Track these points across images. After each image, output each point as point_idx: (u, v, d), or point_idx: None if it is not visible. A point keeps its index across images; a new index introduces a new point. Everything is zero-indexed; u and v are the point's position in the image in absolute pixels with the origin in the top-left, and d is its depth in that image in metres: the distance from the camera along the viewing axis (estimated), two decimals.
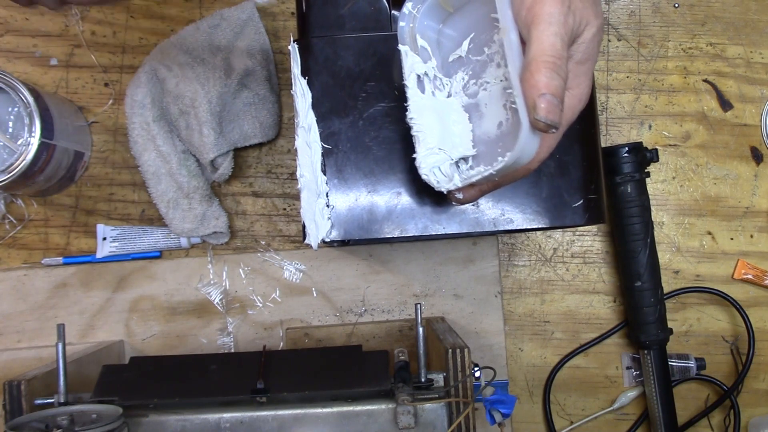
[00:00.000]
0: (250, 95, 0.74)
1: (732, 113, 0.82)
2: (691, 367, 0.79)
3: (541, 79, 0.41)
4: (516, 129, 0.43)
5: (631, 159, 0.75)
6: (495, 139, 0.49)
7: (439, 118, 0.51)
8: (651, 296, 0.75)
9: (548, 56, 0.42)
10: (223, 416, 0.57)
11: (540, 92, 0.41)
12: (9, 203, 0.76)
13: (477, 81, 0.51)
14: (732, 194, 0.81)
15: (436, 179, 0.50)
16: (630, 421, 0.80)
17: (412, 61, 0.51)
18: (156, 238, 0.76)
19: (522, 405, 0.80)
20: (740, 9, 0.82)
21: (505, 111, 0.48)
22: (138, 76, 0.73)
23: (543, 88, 0.41)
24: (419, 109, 0.51)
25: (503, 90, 0.48)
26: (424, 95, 0.52)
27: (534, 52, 0.42)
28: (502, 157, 0.43)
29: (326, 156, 0.56)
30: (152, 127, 0.72)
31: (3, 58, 0.76)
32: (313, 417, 0.57)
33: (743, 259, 0.81)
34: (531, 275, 0.80)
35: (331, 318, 0.78)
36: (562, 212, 0.57)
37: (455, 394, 0.57)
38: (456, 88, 0.52)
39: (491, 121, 0.49)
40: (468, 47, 0.51)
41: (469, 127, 0.51)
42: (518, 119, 0.42)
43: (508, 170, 0.44)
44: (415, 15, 0.50)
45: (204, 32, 0.75)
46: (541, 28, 0.42)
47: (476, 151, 0.50)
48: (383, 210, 0.56)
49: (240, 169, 0.78)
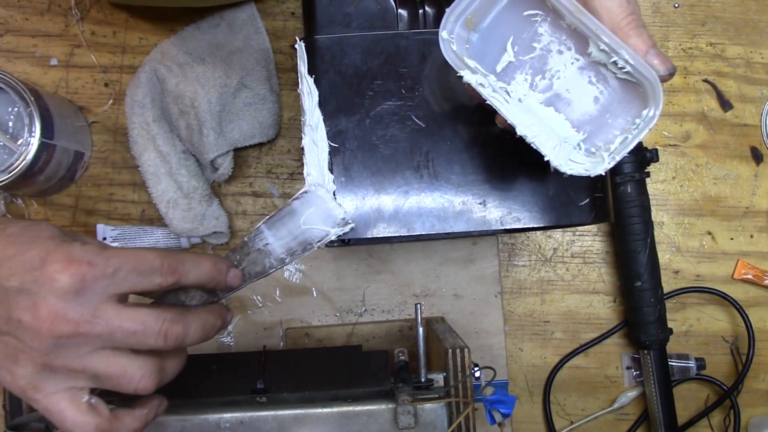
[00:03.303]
0: (250, 95, 0.74)
1: (732, 113, 0.82)
2: (691, 367, 0.79)
3: (635, 42, 0.45)
4: (624, 91, 0.48)
5: (631, 159, 0.75)
6: (599, 114, 0.50)
7: (537, 119, 0.51)
8: (651, 296, 0.75)
9: (625, 17, 0.45)
10: (223, 416, 0.57)
11: (643, 52, 0.45)
12: (9, 203, 0.76)
13: (544, 75, 0.51)
14: (732, 194, 0.81)
15: (584, 168, 0.50)
16: (630, 421, 0.80)
17: (476, 80, 0.51)
18: (156, 238, 0.76)
19: (522, 405, 0.80)
20: (740, 9, 0.82)
21: (596, 86, 0.50)
22: (138, 76, 0.73)
23: (642, 47, 0.45)
24: (517, 116, 0.51)
25: (580, 70, 0.50)
26: (510, 105, 0.51)
27: (610, 19, 0.45)
28: (652, 112, 0.46)
29: (333, 154, 0.57)
30: (152, 127, 0.72)
31: (3, 58, 0.76)
32: (313, 417, 0.57)
33: (743, 259, 0.81)
34: (531, 275, 0.80)
35: (331, 318, 0.78)
36: (568, 211, 0.57)
37: (455, 394, 0.57)
38: (523, 91, 0.52)
39: (585, 101, 0.50)
40: (514, 51, 0.51)
41: (562, 117, 0.51)
42: (617, 85, 0.47)
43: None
44: (452, 40, 0.50)
45: (204, 32, 0.75)
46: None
47: (586, 134, 0.51)
48: (390, 209, 0.56)
49: (240, 169, 0.78)
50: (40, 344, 0.42)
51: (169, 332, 0.44)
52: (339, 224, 0.51)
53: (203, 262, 0.47)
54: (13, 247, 0.43)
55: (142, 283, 0.44)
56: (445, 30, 0.50)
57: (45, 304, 0.41)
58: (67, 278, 0.41)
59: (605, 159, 0.49)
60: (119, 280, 0.43)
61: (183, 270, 0.46)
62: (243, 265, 0.51)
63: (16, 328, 0.42)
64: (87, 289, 0.42)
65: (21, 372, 0.43)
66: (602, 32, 0.46)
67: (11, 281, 0.42)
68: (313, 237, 0.51)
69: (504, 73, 0.52)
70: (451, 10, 0.49)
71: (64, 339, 0.42)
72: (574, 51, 0.50)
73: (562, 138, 0.50)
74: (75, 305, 0.42)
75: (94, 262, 0.42)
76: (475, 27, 0.51)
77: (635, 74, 0.47)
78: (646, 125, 0.47)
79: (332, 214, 0.51)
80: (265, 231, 0.51)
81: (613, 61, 0.47)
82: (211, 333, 0.48)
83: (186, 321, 0.46)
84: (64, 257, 0.42)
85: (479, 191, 0.57)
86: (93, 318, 0.42)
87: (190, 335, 0.46)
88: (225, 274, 0.49)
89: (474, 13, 0.50)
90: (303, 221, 0.51)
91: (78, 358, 0.43)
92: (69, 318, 0.42)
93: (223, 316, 0.50)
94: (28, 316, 0.41)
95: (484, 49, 0.52)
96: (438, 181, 0.57)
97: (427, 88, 0.58)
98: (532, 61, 0.51)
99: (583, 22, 0.46)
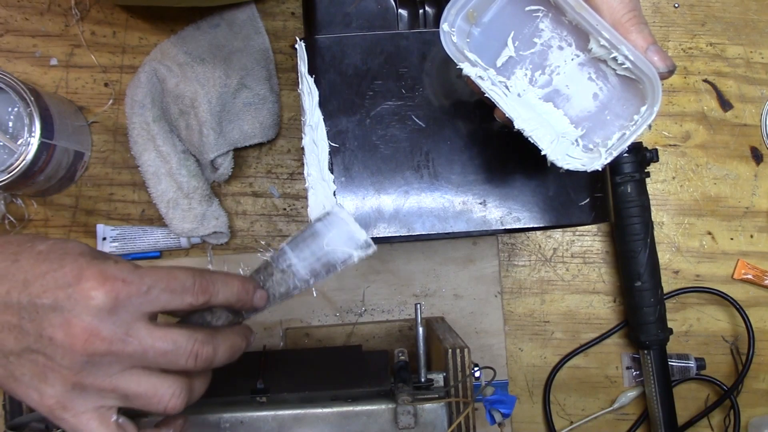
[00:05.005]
0: (250, 95, 0.74)
1: (732, 113, 0.82)
2: (691, 367, 0.79)
3: (635, 38, 0.45)
4: (623, 88, 0.48)
5: (631, 159, 0.75)
6: (597, 110, 0.50)
7: (535, 114, 0.51)
8: (651, 296, 0.75)
9: (626, 13, 0.45)
10: (223, 416, 0.57)
11: (643, 49, 0.45)
12: (9, 203, 0.76)
13: (543, 71, 0.51)
14: (732, 194, 0.81)
15: (581, 163, 0.50)
16: (630, 421, 0.80)
17: (476, 72, 0.51)
18: (156, 238, 0.76)
19: (522, 405, 0.80)
20: (740, 9, 0.82)
21: (595, 82, 0.50)
22: (138, 76, 0.73)
23: (643, 43, 0.45)
24: (515, 110, 0.51)
25: (580, 66, 0.50)
26: (508, 98, 0.52)
27: (611, 15, 0.45)
28: (650, 109, 0.47)
29: (333, 154, 0.57)
30: (152, 127, 0.72)
31: (3, 58, 0.76)
32: (313, 417, 0.57)
33: (743, 259, 0.81)
34: (531, 275, 0.80)
35: (331, 318, 0.78)
36: (568, 210, 0.58)
37: (455, 394, 0.57)
38: (522, 86, 0.52)
39: (584, 98, 0.50)
40: (514, 46, 0.51)
41: (561, 113, 0.51)
42: (617, 82, 0.48)
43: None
44: (452, 32, 0.50)
45: (204, 32, 0.75)
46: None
47: (584, 130, 0.51)
48: (390, 209, 0.57)
49: (240, 169, 0.78)
50: (71, 362, 0.42)
51: (199, 353, 0.44)
52: (362, 246, 0.50)
53: (233, 282, 0.47)
54: (45, 264, 0.42)
55: (174, 302, 0.44)
56: (446, 22, 0.50)
57: (79, 322, 0.41)
58: (102, 295, 0.41)
59: (602, 155, 0.49)
60: (152, 299, 0.43)
61: (214, 290, 0.45)
62: (267, 286, 0.50)
63: (47, 346, 0.42)
64: (121, 307, 0.42)
65: (50, 391, 0.42)
66: (603, 27, 0.46)
67: (44, 298, 0.41)
68: (336, 259, 0.50)
69: (504, 68, 0.52)
70: (453, 3, 0.49)
71: (96, 357, 0.42)
72: (574, 47, 0.50)
73: (560, 133, 0.50)
74: (109, 323, 0.41)
75: (128, 280, 0.42)
76: (476, 21, 0.51)
77: (635, 70, 0.47)
78: (644, 121, 0.47)
79: (355, 237, 0.50)
80: (289, 252, 0.50)
81: (613, 57, 0.47)
82: (236, 354, 0.48)
83: (216, 342, 0.46)
84: (99, 274, 0.41)
85: (479, 191, 0.57)
86: (126, 337, 0.42)
87: (219, 356, 0.46)
88: (252, 294, 0.49)
89: (476, 7, 0.50)
90: (326, 243, 0.50)
91: (109, 377, 0.43)
92: (103, 336, 0.41)
93: (248, 337, 0.50)
94: (61, 334, 0.41)
95: (484, 44, 0.52)
96: (438, 181, 0.57)
97: (428, 88, 0.58)
98: (532, 56, 0.51)
99: (584, 17, 0.46)
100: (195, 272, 0.45)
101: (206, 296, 0.45)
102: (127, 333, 0.42)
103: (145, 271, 0.43)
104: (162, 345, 0.43)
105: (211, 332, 0.46)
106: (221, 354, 0.46)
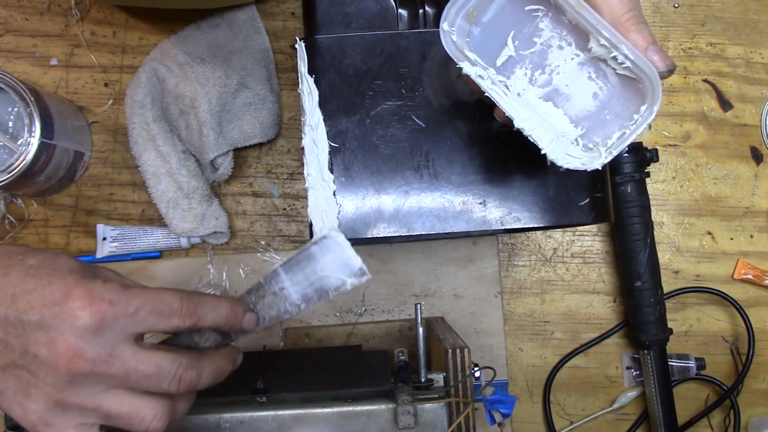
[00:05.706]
0: (250, 95, 0.74)
1: (732, 113, 0.82)
2: (691, 367, 0.79)
3: (635, 37, 0.45)
4: (623, 88, 0.48)
5: (631, 159, 0.75)
6: (597, 110, 0.50)
7: (535, 113, 0.51)
8: (651, 296, 0.75)
9: (626, 12, 0.45)
10: (223, 416, 0.57)
11: (643, 48, 0.45)
12: (9, 203, 0.76)
13: (543, 70, 0.51)
14: (732, 194, 0.81)
15: (581, 163, 0.50)
16: (630, 421, 0.80)
17: (476, 72, 0.51)
18: (156, 238, 0.76)
19: (522, 405, 0.80)
20: (740, 9, 0.82)
21: (595, 82, 0.50)
22: (138, 76, 0.73)
23: (643, 42, 0.45)
24: (515, 109, 0.51)
25: (580, 66, 0.50)
26: (508, 98, 0.52)
27: (611, 14, 0.45)
28: (650, 109, 0.47)
29: (333, 154, 0.57)
30: (152, 127, 0.72)
31: (3, 58, 0.76)
32: (313, 417, 0.57)
33: (743, 259, 0.81)
34: (531, 275, 0.80)
35: (331, 318, 0.78)
36: (568, 210, 0.58)
37: (455, 394, 0.57)
38: (522, 85, 0.52)
39: (583, 97, 0.50)
40: (514, 45, 0.51)
41: (561, 112, 0.51)
42: (616, 82, 0.48)
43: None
44: (452, 32, 0.50)
45: (204, 32, 0.75)
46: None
47: (583, 129, 0.51)
48: (390, 209, 0.57)
49: (240, 169, 0.78)
50: (54, 380, 0.42)
51: (183, 377, 0.44)
52: (356, 274, 0.50)
53: (221, 305, 0.47)
54: (33, 280, 0.42)
55: (160, 325, 0.44)
56: (446, 21, 0.50)
57: (63, 341, 0.41)
58: (88, 316, 0.41)
59: (602, 154, 0.49)
60: (138, 321, 0.43)
61: (201, 313, 0.46)
62: (257, 308, 0.50)
63: (31, 363, 0.42)
64: (106, 328, 0.42)
65: (33, 407, 0.43)
66: (603, 27, 0.46)
67: (30, 315, 0.42)
68: (329, 285, 0.50)
69: (504, 67, 0.52)
70: (453, 2, 0.49)
71: (79, 377, 0.42)
72: (574, 47, 0.50)
73: (560, 132, 0.50)
74: (93, 344, 0.41)
75: (115, 301, 0.42)
76: (476, 20, 0.51)
77: (635, 70, 0.47)
78: (644, 121, 0.47)
79: (350, 263, 0.50)
80: (282, 274, 0.50)
81: (613, 57, 0.47)
82: (221, 377, 0.48)
83: (201, 366, 0.46)
84: (86, 294, 0.42)
85: (479, 191, 0.57)
86: (110, 358, 0.42)
87: (203, 380, 0.46)
88: (241, 318, 0.49)
89: (475, 7, 0.50)
90: (320, 268, 0.50)
91: (91, 396, 0.43)
92: (87, 356, 0.41)
93: (235, 360, 0.50)
94: (45, 351, 0.41)
95: (484, 43, 0.52)
96: (438, 181, 0.57)
97: (428, 88, 0.58)
98: (532, 55, 0.51)
99: (583, 17, 0.46)
100: (183, 295, 0.45)
101: (193, 320, 0.45)
102: (111, 354, 0.42)
103: (133, 293, 0.43)
104: (145, 368, 0.43)
105: (196, 356, 0.46)
106: (205, 378, 0.46)
